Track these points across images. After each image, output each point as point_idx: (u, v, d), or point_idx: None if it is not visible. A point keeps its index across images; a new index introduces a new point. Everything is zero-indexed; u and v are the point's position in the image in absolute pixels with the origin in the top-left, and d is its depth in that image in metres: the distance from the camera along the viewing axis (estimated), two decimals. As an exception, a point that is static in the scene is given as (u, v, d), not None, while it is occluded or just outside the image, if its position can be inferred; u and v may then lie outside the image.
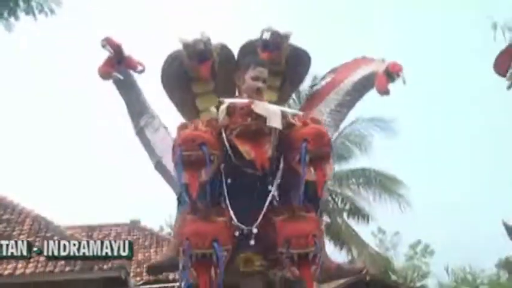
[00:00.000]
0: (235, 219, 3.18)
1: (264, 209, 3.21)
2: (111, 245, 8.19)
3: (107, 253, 8.19)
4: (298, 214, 3.19)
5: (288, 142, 3.26)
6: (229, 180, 3.26)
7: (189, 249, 3.04)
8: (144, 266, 13.78)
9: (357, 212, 16.76)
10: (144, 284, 12.96)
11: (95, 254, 8.20)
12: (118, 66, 3.73)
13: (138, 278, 13.20)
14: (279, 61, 3.66)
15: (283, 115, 3.29)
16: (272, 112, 3.23)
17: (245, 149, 3.14)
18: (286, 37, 3.65)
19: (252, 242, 3.20)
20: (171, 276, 11.69)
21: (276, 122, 3.21)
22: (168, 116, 3.83)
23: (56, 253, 8.07)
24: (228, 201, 3.21)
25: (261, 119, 3.19)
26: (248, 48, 3.68)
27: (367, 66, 3.82)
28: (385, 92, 3.63)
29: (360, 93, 3.85)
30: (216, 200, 3.21)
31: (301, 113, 3.52)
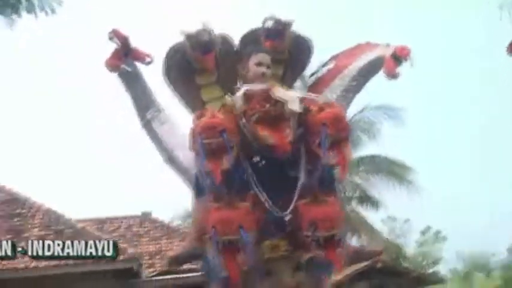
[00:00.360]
0: (270, 203, 3.19)
1: (296, 196, 3.22)
2: (95, 245, 8.24)
3: (91, 253, 8.23)
4: (320, 198, 3.19)
5: (306, 127, 3.27)
6: (254, 166, 3.27)
7: (215, 237, 3.05)
8: (157, 257, 13.89)
9: (367, 200, 16.78)
10: (157, 275, 13.03)
11: (79, 254, 8.22)
12: (125, 58, 3.75)
13: (150, 270, 13.29)
14: (282, 49, 3.66)
15: (301, 100, 3.30)
16: (291, 97, 3.24)
17: (265, 134, 3.15)
18: (288, 25, 3.65)
19: (289, 228, 3.21)
20: (184, 266, 11.75)
21: (295, 106, 3.22)
22: (171, 108, 3.84)
23: (40, 253, 8.13)
24: (258, 188, 3.22)
25: (280, 104, 3.20)
26: (250, 37, 3.68)
27: (372, 51, 3.81)
28: (393, 75, 3.63)
29: (366, 78, 3.83)
30: (238, 187, 3.20)
31: (317, 97, 3.52)
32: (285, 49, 3.68)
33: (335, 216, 3.17)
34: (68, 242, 8.30)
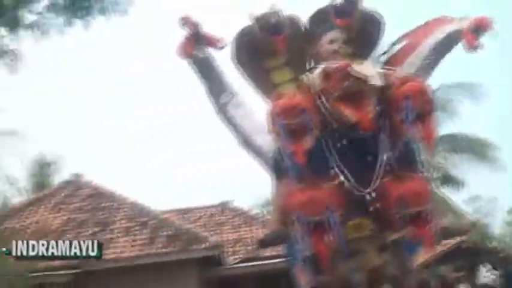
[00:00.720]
0: (352, 181, 3.16)
1: (381, 172, 3.18)
2: (79, 245, 8.30)
3: (75, 253, 8.30)
4: (405, 175, 3.15)
5: (388, 102, 3.21)
6: (335, 145, 3.25)
7: (302, 219, 3.04)
8: (238, 245, 14.07)
9: (449, 180, 16.31)
10: (239, 262, 13.21)
11: (64, 254, 8.32)
12: (197, 44, 3.79)
13: (232, 257, 13.49)
14: (352, 27, 3.61)
15: (381, 75, 3.25)
16: (371, 72, 3.21)
17: (347, 112, 3.12)
18: (357, 2, 3.59)
19: (374, 206, 3.17)
20: (267, 253, 11.89)
21: (377, 81, 3.17)
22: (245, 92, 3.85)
23: (24, 253, 8.26)
24: (340, 166, 3.20)
25: (360, 80, 3.16)
26: (319, 17, 3.64)
27: (447, 26, 3.68)
28: (474, 48, 3.50)
29: (441, 54, 3.70)
30: (322, 166, 3.20)
31: (395, 71, 3.45)
32: (354, 27, 3.62)
33: (423, 192, 3.11)
34: (53, 242, 8.41)
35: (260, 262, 12.44)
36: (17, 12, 9.78)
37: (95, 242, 8.53)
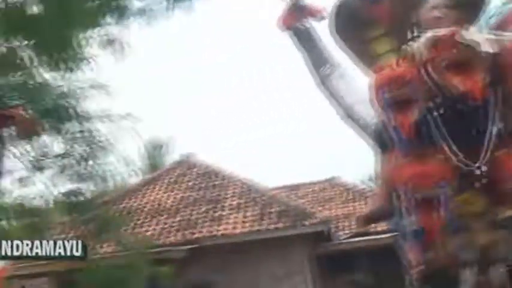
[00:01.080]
0: (460, 156, 3.01)
1: (492, 145, 3.01)
2: (64, 245, 8.36)
3: (60, 253, 8.34)
4: None
5: (500, 70, 3.03)
6: (441, 117, 3.10)
7: (409, 193, 2.97)
8: (347, 220, 14.00)
9: None
10: (350, 237, 13.16)
11: (48, 254, 8.40)
12: (299, 15, 3.78)
13: (341, 233, 13.47)
14: None
15: (491, 41, 3.09)
16: (479, 38, 3.03)
17: (455, 81, 2.98)
18: None
19: (484, 181, 3.00)
20: (379, 227, 11.77)
21: (486, 47, 3.03)
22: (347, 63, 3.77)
23: (9, 253, 8.40)
24: (448, 140, 3.05)
25: (469, 48, 2.99)
26: None
27: None
28: None
29: None
30: (429, 139, 3.07)
31: (509, 36, 3.27)
32: None
33: None
34: (37, 243, 8.55)
35: (370, 237, 12.33)
36: (125, 0, 10.12)
37: (79, 242, 8.71)
